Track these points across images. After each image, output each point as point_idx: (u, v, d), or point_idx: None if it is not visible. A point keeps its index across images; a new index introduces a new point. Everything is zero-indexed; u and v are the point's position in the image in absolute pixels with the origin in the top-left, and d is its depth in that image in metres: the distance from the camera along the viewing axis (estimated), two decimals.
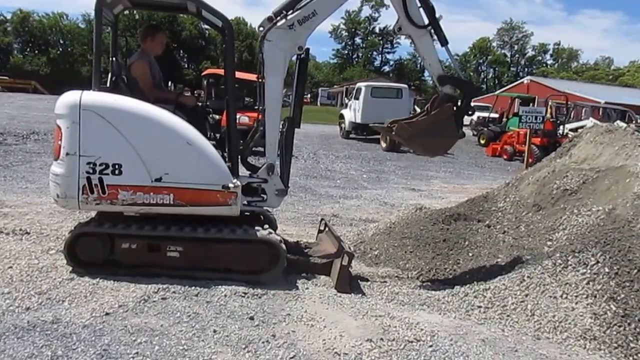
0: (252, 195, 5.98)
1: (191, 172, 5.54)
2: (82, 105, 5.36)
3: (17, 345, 4.03)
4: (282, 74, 5.85)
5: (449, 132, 6.05)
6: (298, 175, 14.51)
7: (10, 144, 16.04)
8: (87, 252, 5.57)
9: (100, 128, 5.36)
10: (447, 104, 5.99)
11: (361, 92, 26.78)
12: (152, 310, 4.79)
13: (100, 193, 5.43)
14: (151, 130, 5.47)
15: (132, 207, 5.57)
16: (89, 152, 5.37)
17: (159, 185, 5.47)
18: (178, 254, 5.61)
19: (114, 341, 4.19)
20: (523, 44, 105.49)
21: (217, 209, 5.64)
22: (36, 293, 4.99)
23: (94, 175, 5.39)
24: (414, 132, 6.01)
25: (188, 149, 5.49)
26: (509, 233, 6.82)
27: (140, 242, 5.60)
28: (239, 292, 5.26)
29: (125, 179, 5.43)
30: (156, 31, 6.63)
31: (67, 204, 5.64)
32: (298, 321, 4.80)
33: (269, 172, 5.96)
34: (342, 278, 5.77)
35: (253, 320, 4.73)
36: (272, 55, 5.77)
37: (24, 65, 79.57)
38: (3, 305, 4.68)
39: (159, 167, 5.46)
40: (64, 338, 4.19)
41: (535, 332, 4.89)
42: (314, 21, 5.78)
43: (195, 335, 4.39)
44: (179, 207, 5.56)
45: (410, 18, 5.86)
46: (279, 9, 5.82)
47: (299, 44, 5.81)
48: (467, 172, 18.54)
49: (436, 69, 6.04)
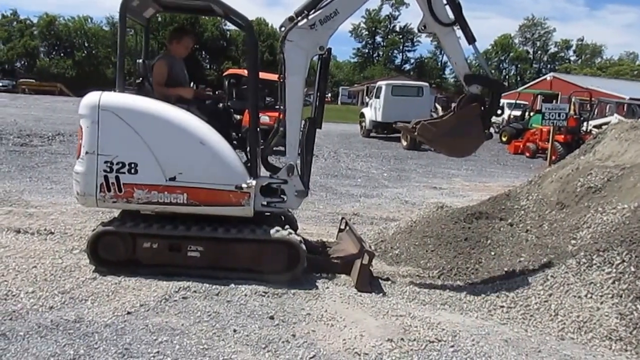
0: (271, 196, 5.94)
1: (204, 172, 5.58)
2: (100, 105, 5.48)
3: (40, 344, 4.07)
4: (303, 75, 5.80)
5: (475, 133, 5.91)
6: (319, 174, 14.49)
7: (35, 145, 16.27)
8: (109, 251, 5.63)
9: (117, 128, 5.47)
10: (473, 104, 5.87)
11: (382, 91, 26.72)
12: (173, 309, 4.81)
13: (116, 191, 5.53)
14: (165, 130, 5.55)
15: (147, 205, 5.66)
16: (106, 151, 5.48)
17: (173, 185, 5.54)
18: (199, 253, 5.63)
19: (135, 340, 4.22)
20: (545, 41, 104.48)
21: (230, 209, 5.67)
22: (60, 292, 5.05)
23: (111, 174, 5.50)
24: (438, 132, 5.91)
25: (201, 148, 5.54)
26: (532, 232, 6.74)
27: (162, 242, 5.64)
28: (259, 292, 5.27)
29: (140, 177, 5.53)
30: (183, 34, 6.67)
31: (86, 201, 5.73)
32: (318, 320, 4.78)
33: (289, 173, 5.92)
34: (362, 277, 5.73)
35: (273, 320, 4.73)
36: (293, 56, 5.74)
37: (50, 68, 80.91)
38: (27, 305, 4.74)
39: (173, 166, 5.54)
40: (86, 337, 4.23)
41: (559, 332, 4.82)
42: (335, 21, 5.71)
43: (215, 335, 4.39)
44: (192, 207, 5.61)
45: (435, 15, 5.73)
46: (301, 9, 5.78)
47: (320, 43, 5.75)
48: (489, 169, 18.38)
49: (462, 68, 5.90)
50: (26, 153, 14.63)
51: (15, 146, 15.60)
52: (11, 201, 8.79)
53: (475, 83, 5.92)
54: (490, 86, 6.07)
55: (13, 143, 16.01)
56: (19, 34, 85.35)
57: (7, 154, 14.20)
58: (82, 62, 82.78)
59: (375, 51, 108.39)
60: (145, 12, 6.55)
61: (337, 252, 6.47)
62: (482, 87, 5.94)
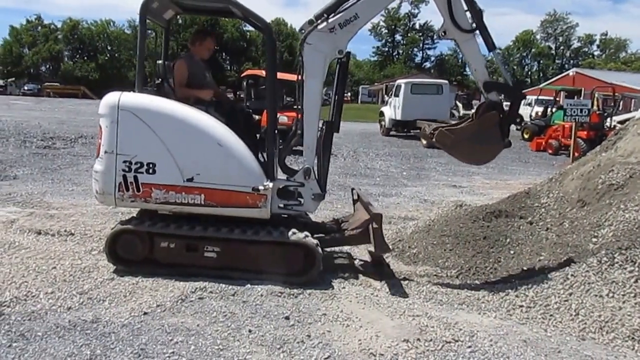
0: (288, 198, 5.92)
1: (221, 173, 5.60)
2: (120, 105, 5.54)
3: (58, 344, 4.11)
4: (321, 78, 5.80)
5: (493, 141, 5.86)
6: (337, 173, 14.45)
7: (58, 147, 16.46)
8: (126, 249, 5.67)
9: (136, 128, 5.51)
10: (492, 112, 5.80)
11: (401, 89, 26.62)
12: (189, 309, 4.82)
13: (135, 191, 5.57)
14: (183, 130, 5.57)
15: (165, 205, 5.69)
16: (125, 151, 5.52)
17: (190, 186, 5.56)
18: (215, 254, 5.64)
19: (151, 340, 4.24)
20: (568, 36, 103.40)
21: (247, 211, 5.67)
22: (78, 293, 5.09)
23: (129, 174, 5.54)
24: (456, 139, 5.86)
25: (218, 149, 5.56)
26: (552, 230, 6.64)
27: (179, 242, 5.65)
28: (275, 292, 5.26)
29: (158, 178, 5.55)
30: (206, 36, 6.70)
31: (104, 200, 5.78)
32: (334, 321, 4.76)
33: (305, 176, 5.89)
34: (378, 241, 5.76)
35: (288, 320, 4.71)
36: (312, 59, 5.72)
37: (74, 72, 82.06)
38: (46, 305, 4.80)
39: (191, 167, 5.56)
40: (103, 337, 4.25)
41: (579, 332, 4.73)
42: (355, 25, 5.70)
43: (230, 335, 4.39)
44: (209, 208, 5.62)
45: (455, 22, 5.69)
46: (321, 12, 5.77)
47: (339, 47, 5.76)
48: (510, 167, 18.19)
49: (482, 75, 5.85)
50: (49, 155, 14.80)
51: (38, 149, 15.80)
52: (33, 203, 8.88)
53: (494, 90, 5.87)
54: (509, 94, 6.01)
55: (36, 146, 16.22)
56: (43, 38, 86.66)
57: (30, 156, 14.37)
58: (105, 65, 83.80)
59: (395, 49, 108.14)
60: (165, 14, 6.60)
61: (353, 224, 6.42)
62: (501, 94, 5.90)
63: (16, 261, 5.89)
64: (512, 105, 5.99)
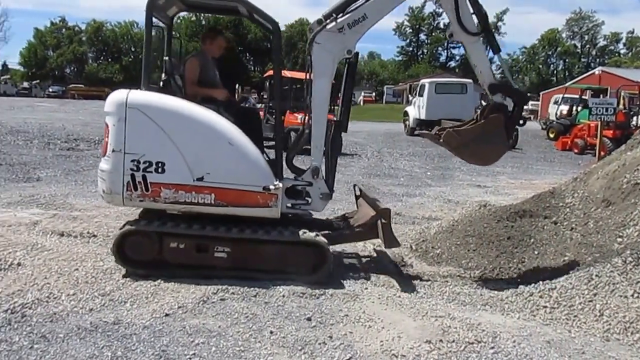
0: (296, 198, 5.91)
1: (232, 173, 5.57)
2: (128, 103, 5.48)
3: (79, 346, 4.13)
4: (329, 77, 5.81)
5: (499, 142, 5.96)
6: (361, 173, 14.47)
7: (82, 149, 16.64)
8: (135, 250, 5.64)
9: (145, 126, 5.45)
10: (497, 114, 5.87)
11: (425, 89, 26.55)
12: (211, 311, 4.82)
13: (143, 190, 5.50)
14: (194, 129, 5.52)
15: (174, 205, 5.64)
16: (133, 150, 5.46)
17: (200, 185, 5.50)
18: (225, 254, 5.62)
19: (172, 342, 4.24)
20: (594, 34, 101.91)
21: (258, 211, 5.63)
22: (100, 294, 5.11)
23: (137, 173, 5.47)
24: (462, 140, 5.95)
25: (229, 149, 5.53)
26: (576, 230, 6.55)
27: (189, 242, 5.61)
28: (297, 293, 5.25)
29: (168, 177, 5.49)
30: (216, 35, 6.78)
31: (112, 200, 5.71)
32: (356, 322, 4.73)
33: (313, 175, 5.89)
34: (387, 235, 5.77)
35: (310, 321, 4.70)
36: (320, 58, 5.73)
37: (98, 73, 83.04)
38: (68, 307, 4.82)
39: (201, 166, 5.50)
40: (124, 339, 4.27)
41: (604, 333, 4.65)
42: (364, 25, 5.72)
43: (252, 337, 4.39)
44: (219, 207, 5.58)
45: (462, 24, 5.76)
46: (329, 12, 5.77)
47: (348, 47, 5.77)
48: (535, 167, 18.04)
49: (487, 77, 5.91)
50: (72, 157, 14.97)
51: (62, 150, 16.00)
52: (56, 205, 8.98)
53: (499, 92, 5.92)
54: (513, 96, 6.03)
55: (60, 147, 16.43)
56: (67, 40, 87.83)
57: (54, 158, 14.56)
58: (128, 66, 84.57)
59: (419, 49, 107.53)
60: (169, 11, 6.62)
61: (359, 219, 6.40)
62: (506, 96, 5.93)
63: (38, 263, 5.94)
64: (517, 108, 6.02)
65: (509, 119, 5.92)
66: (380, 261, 6.70)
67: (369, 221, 6.07)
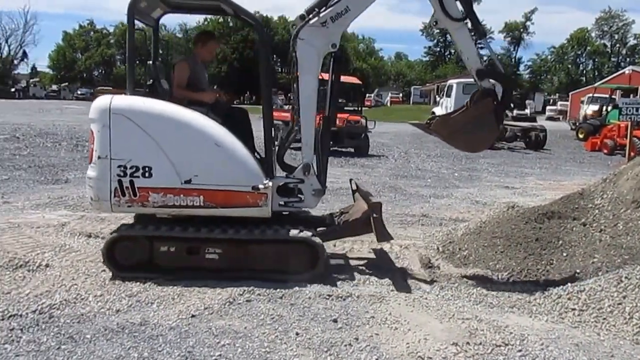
0: (288, 195, 5.91)
1: (220, 174, 5.56)
2: (112, 109, 5.47)
3: (106, 347, 4.18)
4: (316, 73, 5.79)
5: (489, 127, 5.99)
6: (388, 175, 14.44)
7: None
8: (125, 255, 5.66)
9: (130, 131, 5.44)
10: (486, 99, 5.87)
11: (453, 89, 26.44)
12: (237, 312, 4.86)
13: (131, 196, 5.50)
14: (179, 132, 5.52)
15: (163, 209, 5.64)
16: (119, 155, 5.46)
17: (188, 187, 5.50)
18: (217, 255, 5.64)
19: (198, 343, 4.28)
20: (624, 33, 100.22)
21: (248, 211, 5.63)
22: (126, 295, 5.17)
23: (125, 178, 5.47)
24: (452, 128, 5.98)
25: (216, 150, 5.51)
26: (606, 231, 6.46)
27: (179, 245, 5.65)
28: (323, 294, 5.26)
29: (155, 181, 5.49)
30: (208, 38, 6.79)
31: (100, 207, 5.73)
32: (382, 324, 4.73)
33: (305, 172, 5.89)
34: (378, 230, 5.80)
35: (336, 323, 4.70)
36: (305, 54, 5.72)
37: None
38: (95, 308, 4.88)
39: (188, 169, 5.50)
40: (151, 340, 4.31)
41: (634, 336, 4.57)
42: (347, 17, 5.69)
43: (277, 338, 4.41)
44: (209, 209, 5.58)
45: (446, 11, 5.71)
46: (312, 7, 5.79)
47: (332, 41, 5.74)
48: (564, 167, 17.83)
49: (474, 63, 5.85)
50: None
51: None
52: (84, 206, 9.04)
53: (487, 77, 5.90)
54: (502, 81, 6.04)
55: (88, 149, 16.55)
56: (96, 43, 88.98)
57: (82, 160, 14.69)
58: None
59: (446, 49, 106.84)
60: (153, 13, 6.56)
61: (353, 214, 6.42)
62: (495, 81, 5.92)
63: (66, 264, 6.04)
64: (505, 92, 6.01)
65: (498, 104, 5.91)
66: (407, 262, 6.67)
67: (361, 216, 6.08)
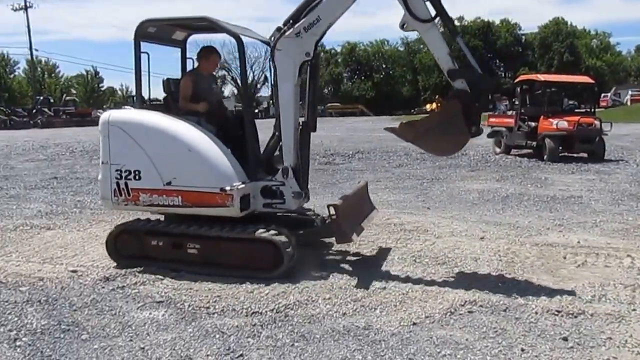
0: (272, 197, 6.31)
1: (193, 176, 6.12)
2: (110, 121, 6.37)
3: (333, 347, 4.34)
4: (293, 81, 6.09)
5: (457, 131, 5.61)
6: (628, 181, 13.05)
7: (337, 163, 17.57)
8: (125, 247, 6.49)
9: (123, 140, 6.27)
10: (453, 100, 5.50)
11: None
12: (458, 323, 4.76)
13: (126, 196, 6.32)
14: (159, 139, 6.20)
15: (151, 207, 6.42)
16: (116, 161, 6.32)
17: (169, 189, 6.18)
18: (196, 250, 6.19)
19: (419, 351, 4.25)
20: None
21: (218, 210, 6.09)
22: (352, 300, 5.34)
23: (121, 181, 6.31)
24: (419, 131, 5.78)
25: (189, 155, 6.09)
26: None
27: (167, 240, 6.29)
28: (551, 310, 4.95)
29: (143, 183, 6.24)
30: (211, 52, 7.17)
31: (106, 205, 6.76)
32: (621, 347, 4.28)
33: (284, 175, 6.23)
34: (336, 231, 6.10)
35: (567, 342, 4.36)
36: (282, 64, 6.08)
37: (352, 92, 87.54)
38: (324, 310, 5.11)
39: (169, 172, 6.16)
40: (374, 344, 4.38)
41: None
42: (319, 27, 5.92)
43: (501, 353, 4.20)
44: (186, 208, 6.20)
45: (412, 12, 5.58)
46: (287, 19, 6.06)
47: (306, 50, 6.02)
48: None
49: (445, 63, 5.64)
50: (329, 171, 15.80)
51: (320, 165, 16.98)
52: None
53: (460, 78, 5.64)
54: (476, 80, 5.65)
55: (319, 162, 17.46)
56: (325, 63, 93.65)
57: (312, 172, 15.43)
58: (380, 83, 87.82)
59: None
60: (175, 35, 7.18)
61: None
62: (467, 81, 5.60)
63: None
64: (482, 93, 5.75)
65: (471, 105, 5.55)
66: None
67: (326, 217, 6.45)
